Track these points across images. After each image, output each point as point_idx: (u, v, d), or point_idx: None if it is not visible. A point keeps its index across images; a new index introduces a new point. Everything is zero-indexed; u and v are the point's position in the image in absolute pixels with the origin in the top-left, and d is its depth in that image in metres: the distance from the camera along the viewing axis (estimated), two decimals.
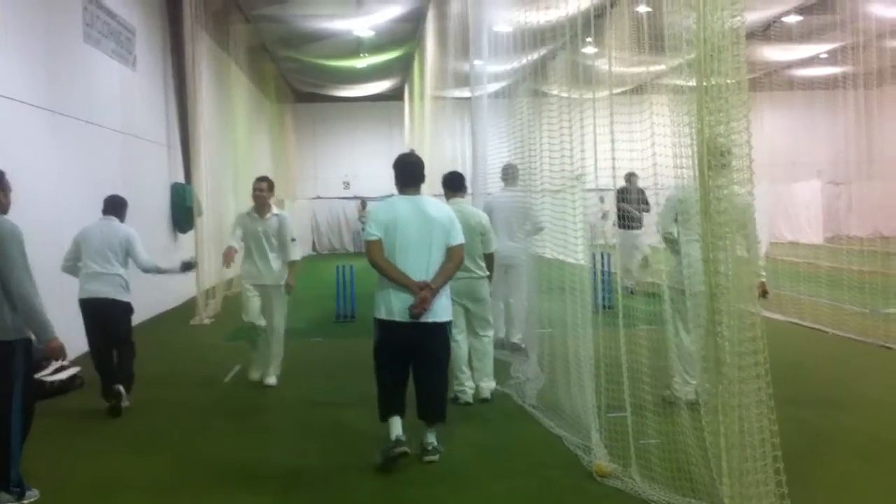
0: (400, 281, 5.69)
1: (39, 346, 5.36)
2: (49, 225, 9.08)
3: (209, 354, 10.73)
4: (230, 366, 9.68)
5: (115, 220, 7.94)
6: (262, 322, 8.63)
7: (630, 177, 12.75)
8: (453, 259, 5.87)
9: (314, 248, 29.63)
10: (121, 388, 7.49)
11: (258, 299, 8.56)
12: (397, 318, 5.71)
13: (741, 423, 4.06)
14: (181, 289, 15.34)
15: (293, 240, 8.62)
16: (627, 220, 13.50)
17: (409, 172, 6.05)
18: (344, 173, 30.78)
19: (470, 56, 13.09)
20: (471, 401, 7.51)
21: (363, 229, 30.93)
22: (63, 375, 8.53)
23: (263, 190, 8.61)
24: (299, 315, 13.57)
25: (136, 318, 12.69)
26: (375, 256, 5.76)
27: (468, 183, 8.95)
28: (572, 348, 6.72)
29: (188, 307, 14.55)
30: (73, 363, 8.89)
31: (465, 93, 15.07)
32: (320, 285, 15.51)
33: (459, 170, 9.45)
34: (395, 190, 6.15)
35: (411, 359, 5.87)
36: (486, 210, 8.49)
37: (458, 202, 7.86)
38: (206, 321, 13.51)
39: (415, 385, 5.93)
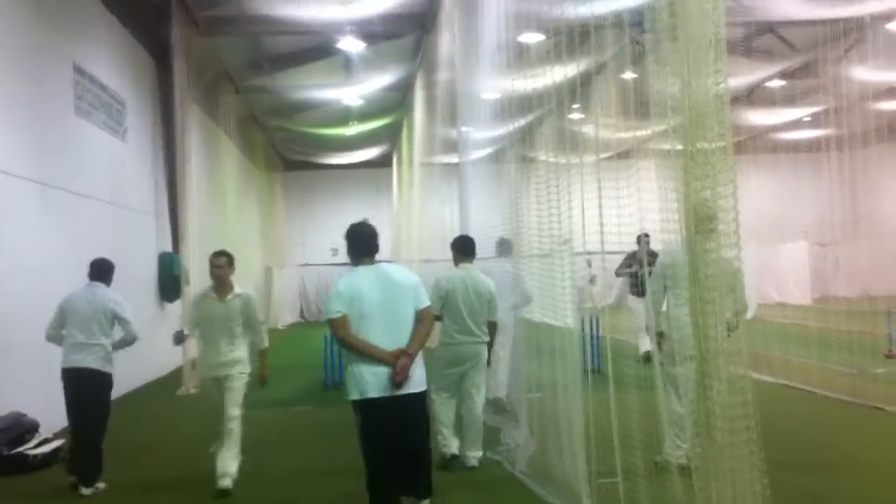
0: (373, 354, 5.33)
1: (24, 420, 5.30)
2: (39, 296, 9.02)
3: (195, 425, 10.56)
4: (218, 436, 9.51)
5: (101, 287, 7.70)
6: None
7: (641, 238, 12.68)
8: (424, 322, 5.57)
9: (302, 316, 29.53)
10: (75, 480, 7.25)
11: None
12: (374, 395, 5.35)
13: (733, 488, 4.02)
14: (167, 359, 15.22)
15: (261, 322, 7.81)
16: (642, 287, 13.16)
17: (363, 242, 5.69)
18: (332, 240, 30.80)
19: (457, 123, 13.26)
20: (457, 452, 7.43)
21: None
22: (46, 449, 8.40)
23: (223, 266, 7.39)
24: (286, 384, 13.50)
25: (123, 388, 12.69)
26: (341, 333, 5.39)
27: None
28: (563, 413, 6.66)
29: (174, 377, 14.38)
30: (56, 436, 8.76)
31: (454, 158, 15.23)
32: (308, 353, 15.42)
33: (447, 235, 9.46)
34: (382, 256, 5.91)
35: (398, 434, 5.45)
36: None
37: (467, 268, 7.87)
38: (193, 391, 13.33)
39: (399, 459, 5.50)
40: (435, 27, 15.02)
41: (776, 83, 21.01)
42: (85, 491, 7.23)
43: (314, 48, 18.43)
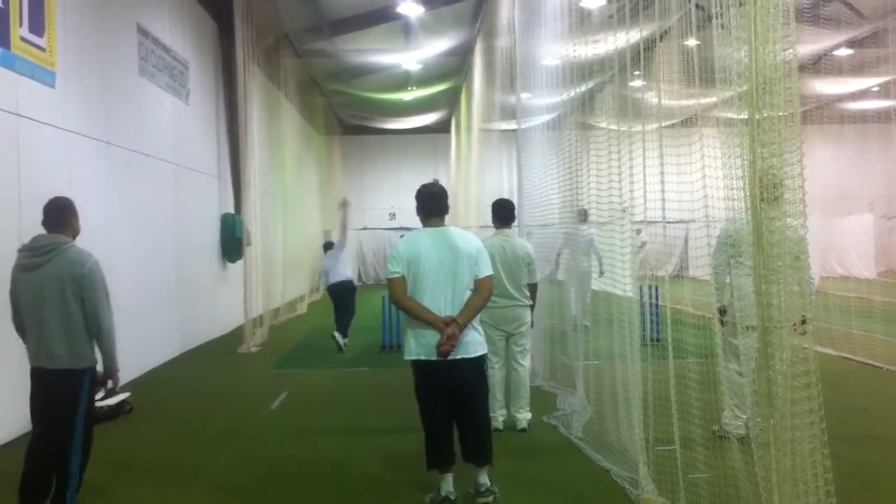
0: (424, 318, 5.41)
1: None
2: (102, 253, 9.25)
3: (256, 382, 10.81)
4: (277, 393, 9.78)
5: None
6: None
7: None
8: (481, 292, 5.55)
9: (360, 279, 29.85)
10: None
11: None
12: (425, 358, 5.47)
13: (793, 459, 3.99)
14: (228, 318, 15.56)
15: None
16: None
17: (431, 203, 5.73)
18: (390, 205, 31.00)
19: (517, 88, 13.17)
20: (500, 427, 7.48)
21: None
22: (113, 401, 8.66)
23: None
24: (347, 343, 13.68)
25: (184, 347, 13.03)
26: (398, 295, 5.48)
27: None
28: (620, 381, 6.66)
29: (235, 335, 14.70)
30: (122, 389, 9.04)
31: (512, 125, 15.16)
32: (365, 316, 15.58)
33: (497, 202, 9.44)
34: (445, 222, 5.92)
35: (451, 399, 5.59)
36: (563, 244, 8.57)
37: (505, 232, 7.88)
38: (254, 349, 13.63)
39: (456, 426, 5.65)
40: None
41: (843, 52, 20.41)
42: None
43: (374, 12, 18.38)
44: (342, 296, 13.64)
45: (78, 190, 8.76)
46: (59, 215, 5.43)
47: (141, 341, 10.88)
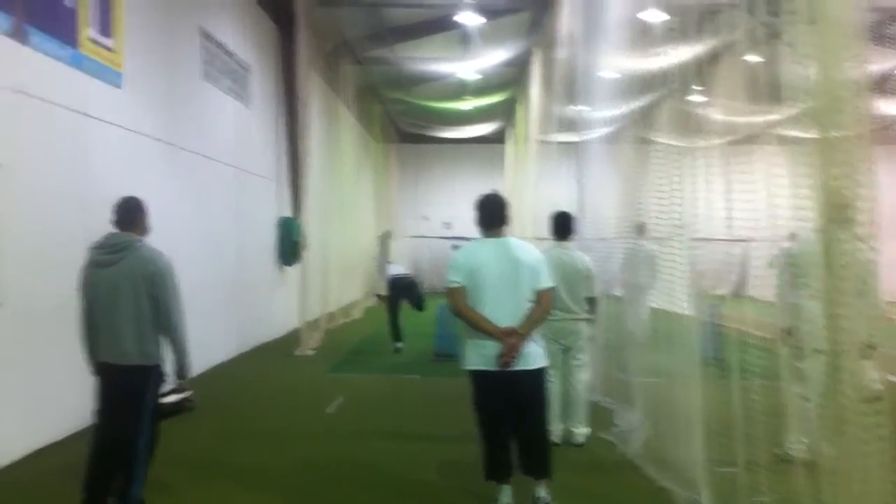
0: (485, 328, 5.38)
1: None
2: (165, 252, 9.45)
3: (313, 386, 10.93)
4: (333, 396, 9.90)
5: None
6: None
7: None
8: (542, 303, 5.51)
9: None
10: None
11: None
12: (485, 368, 5.45)
13: (863, 486, 3.93)
14: (284, 320, 15.75)
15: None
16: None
17: (492, 213, 5.69)
18: (445, 213, 31.06)
19: (575, 101, 13.15)
20: (557, 441, 7.44)
21: None
22: (175, 398, 8.81)
23: None
24: (400, 353, 13.77)
25: (241, 347, 13.21)
26: (458, 304, 5.46)
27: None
28: (679, 399, 6.59)
29: (291, 338, 14.87)
30: (185, 386, 9.21)
31: (571, 137, 15.11)
32: (418, 323, 15.65)
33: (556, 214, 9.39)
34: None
35: (510, 410, 5.55)
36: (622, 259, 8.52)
37: (565, 245, 7.85)
38: (310, 352, 13.76)
39: (515, 438, 5.62)
40: (555, 3, 14.88)
41: None
42: None
43: (433, 21, 18.50)
44: (404, 291, 13.72)
45: (142, 190, 8.87)
46: (131, 214, 5.55)
47: (201, 340, 11.02)
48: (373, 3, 16.86)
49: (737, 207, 6.03)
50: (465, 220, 33.88)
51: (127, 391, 5.38)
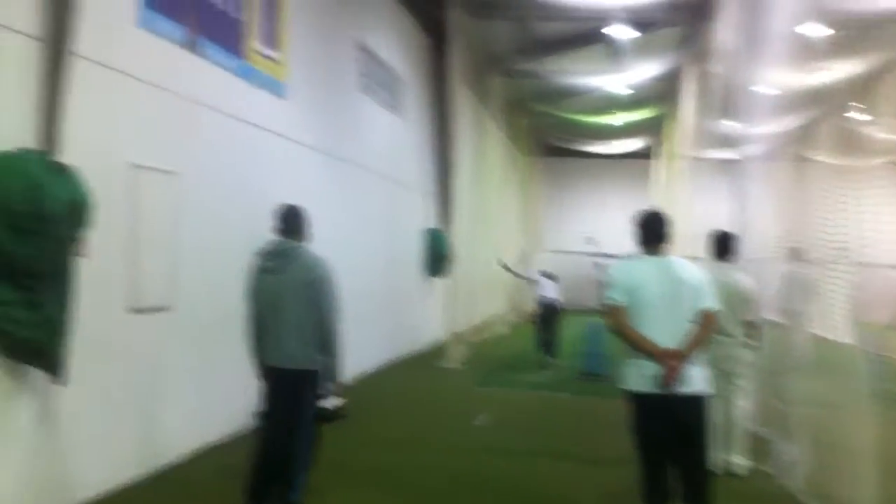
0: (645, 348, 5.16)
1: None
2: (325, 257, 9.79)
3: (460, 399, 11.02)
4: (479, 410, 9.92)
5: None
6: None
7: None
8: (706, 324, 5.27)
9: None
10: None
11: None
12: (645, 390, 5.24)
13: None
14: (431, 332, 15.95)
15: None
16: None
17: (653, 230, 5.50)
18: (588, 228, 30.70)
19: (731, 116, 12.80)
20: (715, 470, 7.20)
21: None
22: (332, 404, 9.06)
23: None
24: (546, 370, 13.71)
25: (390, 357, 13.46)
26: (619, 323, 5.27)
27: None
28: (848, 433, 6.24)
29: (437, 350, 14.95)
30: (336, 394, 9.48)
31: (726, 154, 14.69)
32: (567, 341, 15.50)
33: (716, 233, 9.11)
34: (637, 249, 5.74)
35: (670, 435, 5.31)
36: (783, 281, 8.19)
37: (725, 266, 7.57)
38: (456, 365, 13.81)
39: (675, 464, 5.37)
40: (712, 16, 14.52)
41: None
42: None
43: (583, 34, 18.27)
44: (550, 315, 13.90)
45: (302, 198, 9.18)
46: (295, 222, 5.73)
47: (354, 348, 11.35)
48: (524, 17, 16.87)
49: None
50: (608, 236, 33.31)
51: (290, 394, 5.52)
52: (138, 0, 6.57)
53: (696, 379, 5.29)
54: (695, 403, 5.31)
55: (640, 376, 5.29)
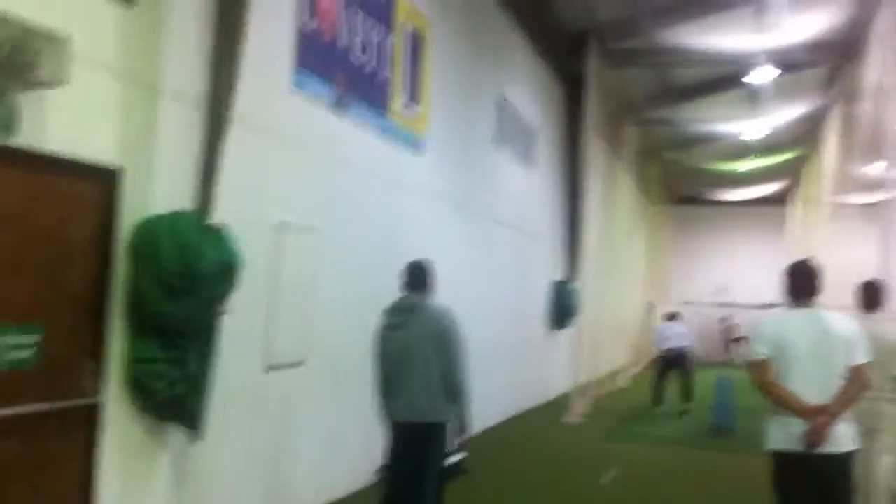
0: (792, 406, 4.94)
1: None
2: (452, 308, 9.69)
3: (585, 455, 10.66)
4: (607, 468, 9.57)
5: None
6: None
7: None
8: (857, 380, 5.00)
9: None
10: None
11: None
12: (789, 448, 4.98)
13: None
14: (553, 385, 15.63)
15: None
16: None
17: (803, 282, 5.24)
18: (717, 278, 29.71)
19: (880, 158, 12.19)
20: None
21: (734, 339, 28.85)
22: (451, 460, 8.84)
23: None
24: (671, 423, 13.22)
25: (512, 410, 13.20)
26: (763, 378, 5.07)
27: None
28: None
29: (559, 403, 14.66)
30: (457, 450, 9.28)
31: (871, 198, 13.99)
32: (697, 393, 14.95)
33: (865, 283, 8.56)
34: (772, 299, 5.44)
35: (815, 496, 5.02)
36: None
37: (875, 317, 7.05)
38: (579, 419, 13.46)
39: None
40: (858, 56, 13.90)
41: None
42: None
43: (719, 79, 17.96)
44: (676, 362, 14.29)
45: (438, 252, 9.19)
46: (421, 277, 5.73)
47: (477, 401, 11.16)
48: (663, 63, 16.66)
49: None
50: (740, 286, 32.21)
51: (419, 449, 5.46)
52: (292, 62, 6.69)
53: (844, 437, 4.99)
54: (841, 463, 5.02)
55: (784, 434, 5.03)
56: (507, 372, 13.12)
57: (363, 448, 7.43)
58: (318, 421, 7.43)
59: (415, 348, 5.46)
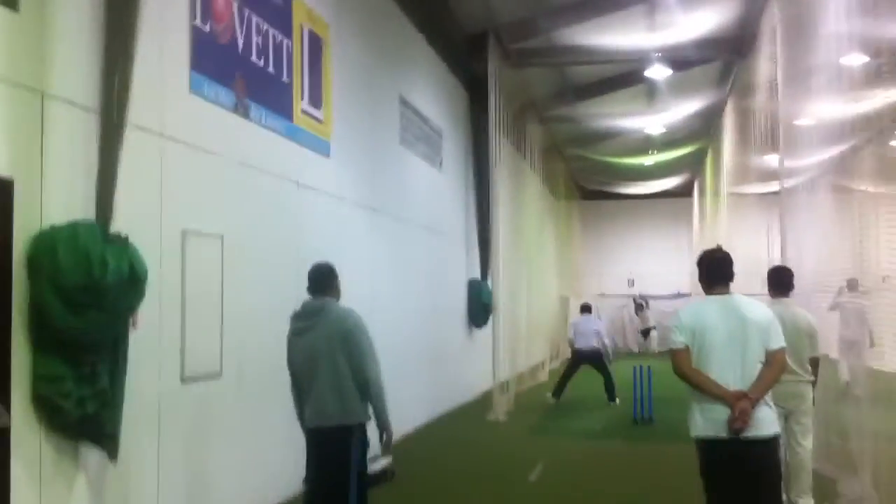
0: (713, 392, 5.00)
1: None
2: (365, 315, 9.57)
3: (511, 452, 10.72)
4: (534, 463, 9.62)
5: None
6: None
7: None
8: (774, 365, 5.09)
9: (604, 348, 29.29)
10: None
11: None
12: (713, 434, 5.05)
13: None
14: (474, 383, 15.70)
15: None
16: None
17: (716, 269, 5.34)
18: (628, 270, 30.37)
19: (774, 150, 12.61)
20: None
21: (643, 330, 29.74)
22: (377, 467, 8.74)
23: None
24: (592, 416, 13.42)
25: (434, 412, 13.20)
26: (683, 367, 5.11)
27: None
28: None
29: (481, 401, 14.75)
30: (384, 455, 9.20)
31: (769, 188, 14.46)
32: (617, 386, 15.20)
33: (761, 269, 8.88)
34: (681, 288, 5.57)
35: (742, 479, 5.08)
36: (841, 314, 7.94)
37: (783, 302, 7.27)
38: (503, 416, 13.54)
39: None
40: (751, 51, 14.39)
41: None
42: None
43: (619, 76, 18.40)
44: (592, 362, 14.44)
45: (348, 255, 9.13)
46: (324, 280, 5.69)
47: (399, 405, 11.11)
48: (560, 63, 16.97)
49: None
50: (648, 277, 33.12)
51: (333, 453, 5.40)
52: (189, 66, 6.55)
53: (767, 421, 5.10)
54: (766, 446, 5.12)
55: (708, 421, 5.10)
56: (428, 373, 13.12)
57: (287, 457, 7.30)
58: (240, 432, 7.28)
59: (321, 352, 5.42)
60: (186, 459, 6.51)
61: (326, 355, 5.40)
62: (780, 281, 7.45)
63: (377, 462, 8.77)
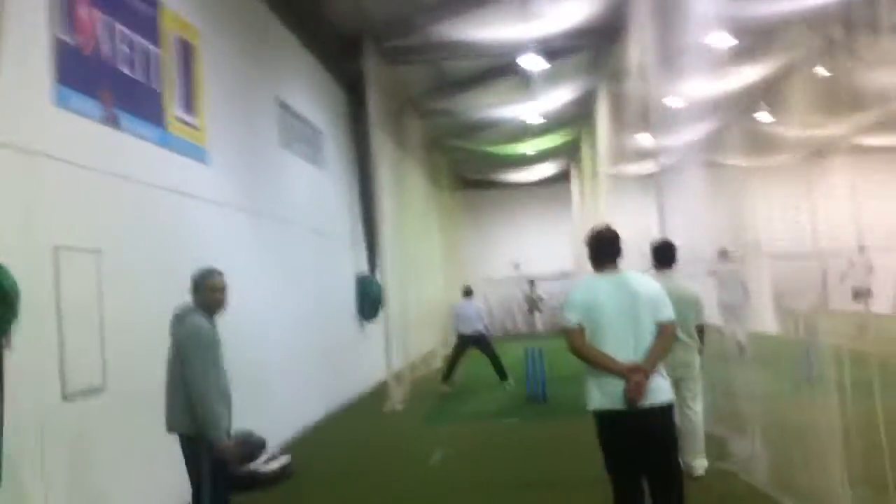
0: (608, 366, 5.15)
1: (253, 438, 5.61)
2: (253, 318, 9.58)
3: (409, 440, 10.84)
4: (434, 450, 9.77)
5: None
6: None
7: None
8: (664, 336, 5.26)
9: (486, 329, 29.75)
10: None
11: None
12: (610, 407, 5.21)
13: None
14: (368, 376, 15.79)
15: None
16: None
17: (605, 247, 5.43)
18: (513, 255, 31.01)
19: (647, 131, 13.05)
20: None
21: (531, 310, 30.54)
22: (275, 465, 8.74)
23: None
24: (487, 396, 13.67)
25: (330, 407, 13.20)
26: (576, 344, 5.25)
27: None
28: (809, 421, 6.21)
29: (377, 393, 14.85)
30: (284, 451, 9.17)
31: (644, 168, 14.98)
32: (509, 365, 15.50)
33: (641, 246, 9.17)
34: (565, 268, 5.68)
35: (642, 449, 5.27)
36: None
37: (668, 274, 7.62)
38: (399, 406, 13.67)
39: (647, 478, 5.33)
40: (621, 37, 14.83)
41: None
42: None
43: (494, 68, 18.65)
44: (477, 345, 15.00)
45: (231, 259, 9.03)
46: (194, 286, 5.77)
47: (291, 403, 11.10)
48: (436, 58, 17.11)
49: (818, 220, 5.80)
50: (533, 260, 34.01)
51: (187, 460, 5.57)
52: (52, 79, 6.38)
53: (661, 390, 5.27)
54: (662, 414, 5.30)
55: (604, 394, 5.24)
56: (321, 370, 13.12)
57: (180, 468, 7.16)
58: (130, 444, 7.15)
59: (171, 360, 5.58)
60: (74, 476, 6.38)
61: (172, 364, 5.57)
62: (664, 255, 7.77)
63: (273, 461, 8.78)
